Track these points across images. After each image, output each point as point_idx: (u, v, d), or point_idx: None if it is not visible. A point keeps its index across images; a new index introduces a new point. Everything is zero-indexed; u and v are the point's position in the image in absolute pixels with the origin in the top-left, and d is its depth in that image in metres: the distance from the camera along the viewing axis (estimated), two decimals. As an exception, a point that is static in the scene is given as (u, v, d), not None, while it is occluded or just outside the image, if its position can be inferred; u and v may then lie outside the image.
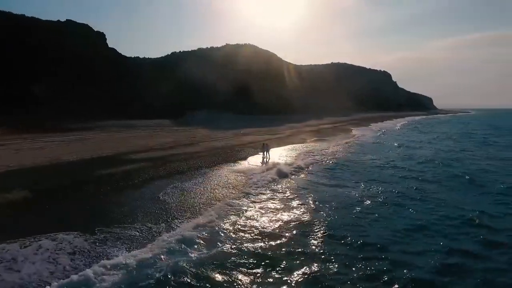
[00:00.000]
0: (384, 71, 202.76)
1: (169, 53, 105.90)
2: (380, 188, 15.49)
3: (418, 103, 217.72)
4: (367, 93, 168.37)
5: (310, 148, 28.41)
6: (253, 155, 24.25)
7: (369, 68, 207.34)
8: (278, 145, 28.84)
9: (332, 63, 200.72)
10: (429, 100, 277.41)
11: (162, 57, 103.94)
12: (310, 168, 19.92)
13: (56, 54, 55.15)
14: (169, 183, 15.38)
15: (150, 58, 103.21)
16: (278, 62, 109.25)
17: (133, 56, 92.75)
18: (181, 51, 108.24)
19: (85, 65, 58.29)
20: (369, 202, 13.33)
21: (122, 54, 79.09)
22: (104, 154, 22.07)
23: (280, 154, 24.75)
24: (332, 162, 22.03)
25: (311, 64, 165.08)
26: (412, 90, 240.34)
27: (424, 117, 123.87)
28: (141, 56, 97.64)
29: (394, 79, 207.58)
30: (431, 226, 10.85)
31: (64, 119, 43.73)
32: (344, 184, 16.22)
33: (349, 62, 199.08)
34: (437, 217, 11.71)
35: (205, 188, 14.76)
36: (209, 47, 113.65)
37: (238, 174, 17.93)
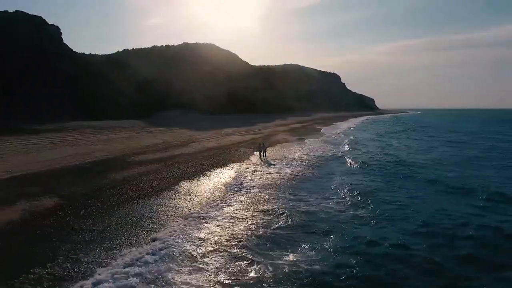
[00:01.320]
0: (333, 73, 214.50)
1: (119, 50, 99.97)
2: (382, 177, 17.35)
3: (363, 103, 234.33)
4: (319, 93, 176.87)
5: (298, 147, 29.96)
6: (252, 154, 25.02)
7: (320, 70, 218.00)
8: (268, 145, 29.84)
9: (285, 64, 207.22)
10: (372, 100, 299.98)
11: (113, 54, 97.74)
12: (318, 164, 21.30)
13: (5, 49, 49.76)
14: (196, 182, 15.63)
15: (98, 54, 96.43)
16: (239, 62, 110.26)
17: (79, 52, 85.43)
18: (134, 48, 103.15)
19: (39, 61, 53.44)
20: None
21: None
22: (104, 157, 21.10)
23: (281, 153, 25.85)
24: (333, 159, 23.76)
25: (268, 65, 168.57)
26: (357, 91, 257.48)
27: (373, 116, 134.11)
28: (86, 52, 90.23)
29: (342, 81, 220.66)
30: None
31: (23, 120, 39.90)
32: (361, 176, 17.82)
33: (301, 63, 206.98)
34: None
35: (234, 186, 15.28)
36: (164, 45, 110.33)
37: (257, 171, 18.62)
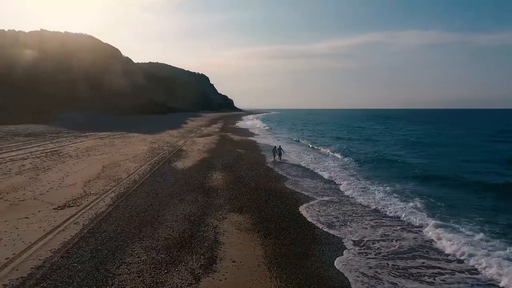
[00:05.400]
0: (202, 73, 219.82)
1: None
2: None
3: (228, 104, 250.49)
4: (193, 94, 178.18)
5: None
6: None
7: (188, 70, 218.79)
8: (248, 145, 31.86)
9: (151, 62, 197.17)
10: (232, 101, 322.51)
11: None
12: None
13: None
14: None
15: None
16: (121, 58, 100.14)
17: None
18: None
19: None
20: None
21: None
22: (145, 167, 18.73)
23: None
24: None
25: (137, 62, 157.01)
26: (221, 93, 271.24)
27: (250, 116, 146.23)
28: None
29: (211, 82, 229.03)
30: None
31: None
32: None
33: (165, 62, 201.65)
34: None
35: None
36: (25, 31, 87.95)
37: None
